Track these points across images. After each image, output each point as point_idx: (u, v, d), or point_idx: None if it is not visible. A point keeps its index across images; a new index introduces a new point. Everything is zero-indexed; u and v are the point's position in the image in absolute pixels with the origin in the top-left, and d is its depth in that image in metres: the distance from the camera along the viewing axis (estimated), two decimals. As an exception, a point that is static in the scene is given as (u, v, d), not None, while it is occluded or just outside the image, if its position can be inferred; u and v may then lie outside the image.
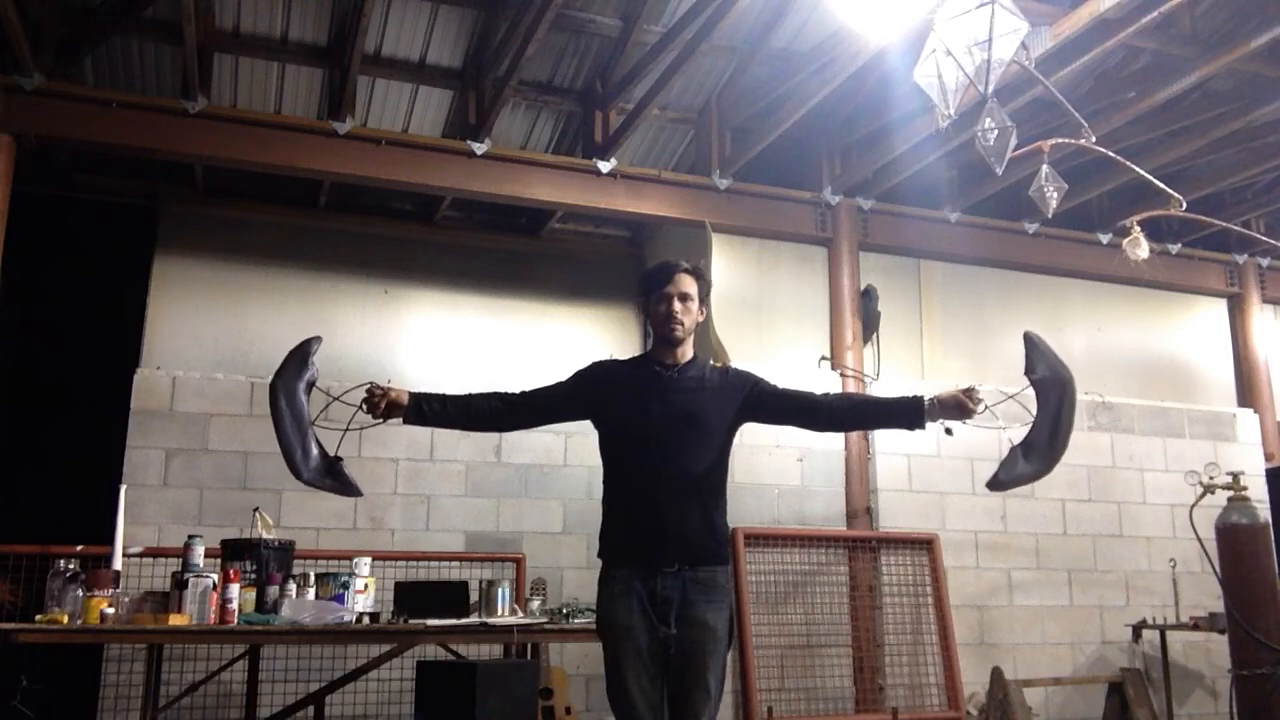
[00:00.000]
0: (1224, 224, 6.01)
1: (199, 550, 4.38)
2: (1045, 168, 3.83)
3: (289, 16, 5.99)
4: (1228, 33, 5.41)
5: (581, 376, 3.30)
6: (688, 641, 2.99)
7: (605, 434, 3.25)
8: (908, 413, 3.11)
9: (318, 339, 3.21)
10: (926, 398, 3.09)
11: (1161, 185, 4.07)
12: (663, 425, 3.12)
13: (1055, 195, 3.85)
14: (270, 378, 3.13)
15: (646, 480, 3.10)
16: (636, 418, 3.14)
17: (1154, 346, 7.69)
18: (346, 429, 3.14)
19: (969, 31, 3.38)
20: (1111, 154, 4.06)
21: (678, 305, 3.19)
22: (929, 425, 3.11)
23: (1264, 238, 6.38)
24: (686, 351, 3.25)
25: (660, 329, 3.24)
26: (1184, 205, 4.04)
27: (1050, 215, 3.93)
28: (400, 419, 3.15)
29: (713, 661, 3.00)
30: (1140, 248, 4.45)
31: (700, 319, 3.27)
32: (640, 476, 3.12)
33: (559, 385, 3.30)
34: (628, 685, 2.97)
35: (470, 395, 3.23)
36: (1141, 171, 4.18)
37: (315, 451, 3.12)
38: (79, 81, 5.99)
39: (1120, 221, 7.36)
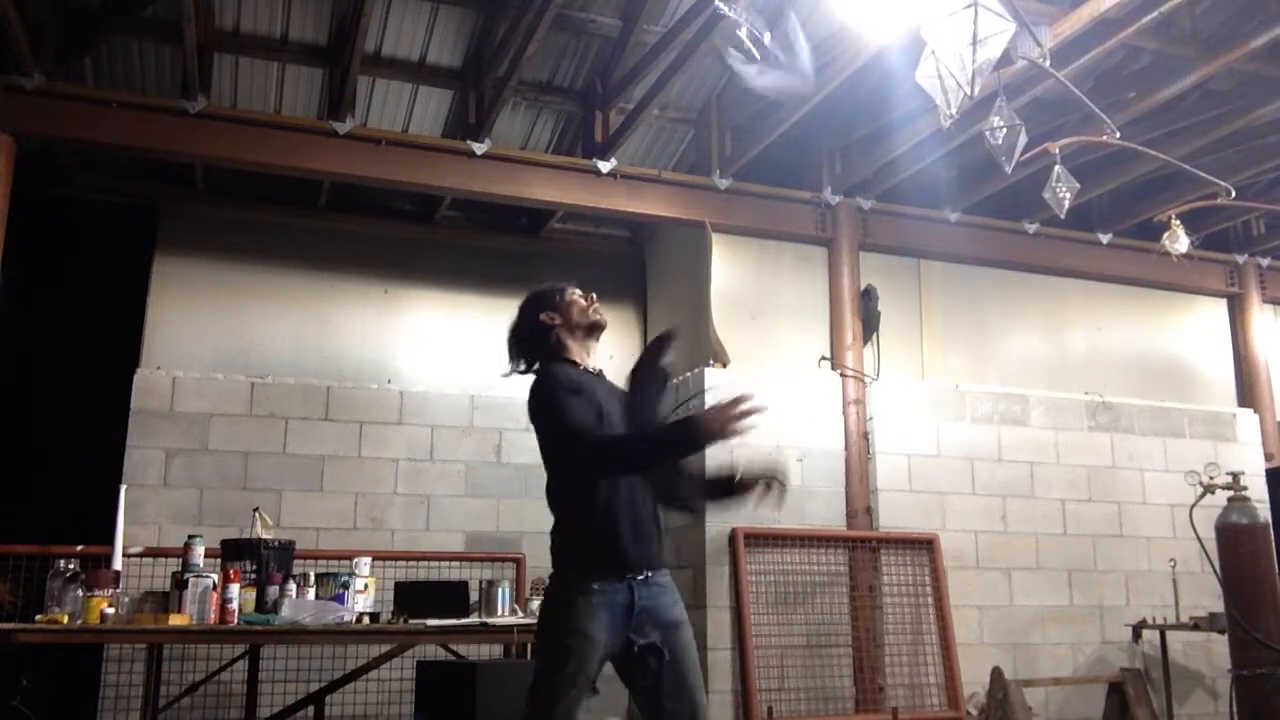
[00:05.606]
0: (1251, 204, 5.91)
1: (199, 550, 4.39)
2: (1058, 168, 3.83)
3: (289, 16, 5.99)
4: (1228, 33, 5.40)
5: (575, 389, 3.08)
6: (678, 645, 2.93)
7: None
8: None
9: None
10: None
11: (1206, 176, 4.06)
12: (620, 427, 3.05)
13: (1067, 196, 3.85)
14: None
15: (627, 484, 3.06)
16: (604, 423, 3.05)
17: (1154, 346, 7.68)
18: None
19: (959, 33, 3.38)
20: (1143, 148, 4.06)
21: (591, 296, 3.23)
22: None
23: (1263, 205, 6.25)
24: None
25: (585, 317, 3.21)
26: (1232, 194, 4.03)
27: (1063, 215, 3.92)
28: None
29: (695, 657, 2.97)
30: (1179, 242, 4.44)
31: None
32: (624, 481, 3.05)
33: (581, 404, 3.06)
34: (572, 708, 2.81)
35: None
36: (1183, 165, 4.17)
37: None
38: (79, 81, 5.99)
39: (1121, 223, 7.41)
